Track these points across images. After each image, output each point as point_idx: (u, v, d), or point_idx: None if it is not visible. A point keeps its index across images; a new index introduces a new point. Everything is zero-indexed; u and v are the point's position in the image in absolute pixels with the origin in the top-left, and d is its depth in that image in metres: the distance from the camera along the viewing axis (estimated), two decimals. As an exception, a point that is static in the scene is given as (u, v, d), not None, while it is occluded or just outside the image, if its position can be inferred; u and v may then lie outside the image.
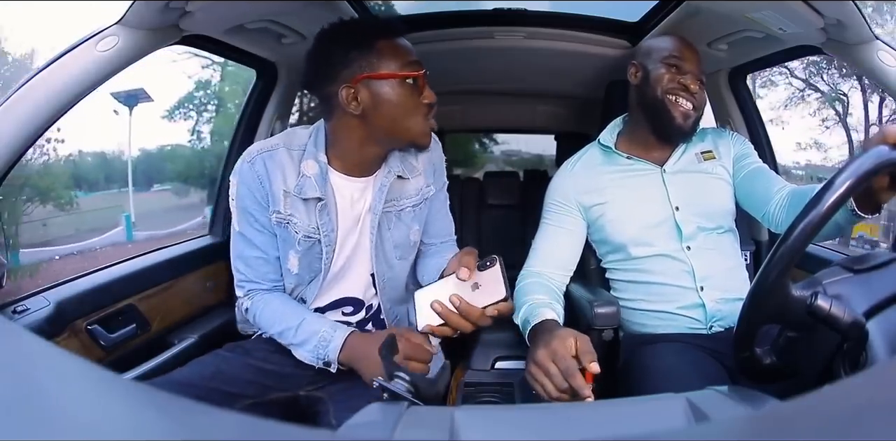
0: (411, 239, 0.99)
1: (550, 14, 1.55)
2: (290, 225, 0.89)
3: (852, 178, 0.56)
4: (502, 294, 0.71)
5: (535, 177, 2.45)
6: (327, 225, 0.89)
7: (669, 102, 1.06)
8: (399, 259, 0.98)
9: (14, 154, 0.83)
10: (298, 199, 0.88)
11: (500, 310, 0.72)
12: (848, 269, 0.63)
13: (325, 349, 0.85)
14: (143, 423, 0.22)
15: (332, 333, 0.86)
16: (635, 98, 1.13)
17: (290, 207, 0.89)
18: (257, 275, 0.94)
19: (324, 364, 0.87)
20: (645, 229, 1.07)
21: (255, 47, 1.30)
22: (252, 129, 1.48)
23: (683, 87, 1.05)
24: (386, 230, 0.95)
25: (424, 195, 0.98)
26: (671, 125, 1.06)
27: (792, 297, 0.59)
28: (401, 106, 0.84)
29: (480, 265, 0.76)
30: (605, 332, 1.03)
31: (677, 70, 1.06)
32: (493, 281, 0.73)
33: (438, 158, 1.01)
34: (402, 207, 0.95)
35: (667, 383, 0.88)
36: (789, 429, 0.22)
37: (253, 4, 1.05)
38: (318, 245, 0.91)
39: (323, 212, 0.89)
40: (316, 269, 0.93)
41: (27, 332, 0.35)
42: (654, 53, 1.09)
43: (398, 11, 1.56)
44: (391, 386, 0.73)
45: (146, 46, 0.92)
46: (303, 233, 0.89)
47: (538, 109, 2.32)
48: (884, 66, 0.98)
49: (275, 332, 0.92)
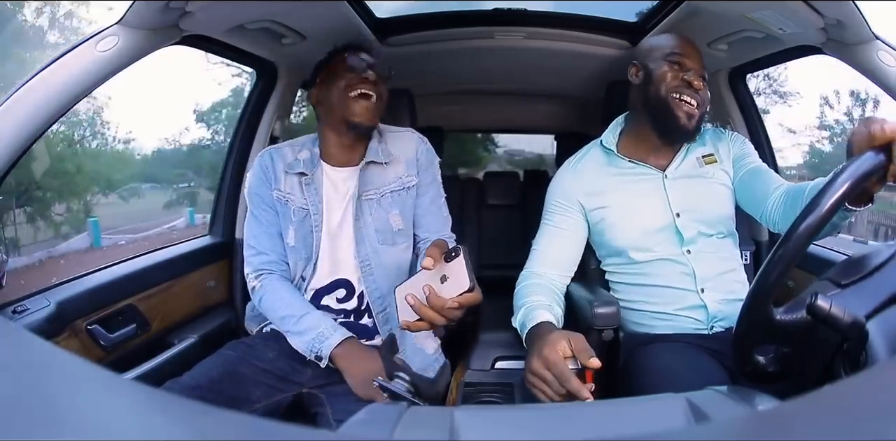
0: (392, 224, 1.07)
1: (550, 14, 1.54)
2: (288, 202, 1.07)
3: (850, 181, 0.59)
4: (466, 285, 0.71)
5: (535, 177, 2.44)
6: (314, 197, 1.06)
7: (673, 101, 1.03)
8: (382, 244, 1.06)
9: (14, 154, 0.83)
10: (292, 175, 1.07)
11: (463, 301, 0.73)
12: (836, 284, 0.64)
13: (321, 344, 0.93)
14: (142, 423, 0.22)
15: (332, 333, 0.94)
16: (637, 99, 1.10)
17: (288, 186, 1.07)
18: (264, 246, 1.08)
19: (315, 358, 0.94)
20: (645, 235, 1.06)
21: (255, 47, 1.30)
22: (252, 129, 1.48)
23: (687, 84, 1.02)
24: (367, 215, 1.06)
25: (405, 183, 1.09)
26: (675, 125, 1.04)
27: (777, 321, 0.61)
28: (334, 87, 1.05)
29: (446, 256, 0.75)
30: (605, 332, 1.02)
31: (680, 67, 1.04)
32: (458, 272, 0.73)
33: (424, 154, 1.12)
34: (382, 193, 1.08)
35: (667, 383, 0.88)
36: (789, 429, 0.22)
37: (253, 4, 1.05)
38: (309, 217, 1.05)
39: (310, 187, 1.06)
40: (309, 243, 1.05)
41: (27, 332, 0.35)
42: (656, 51, 1.08)
43: (398, 11, 1.55)
44: (391, 386, 0.73)
45: (146, 46, 0.92)
46: (296, 205, 1.06)
47: (538, 109, 2.32)
48: (884, 66, 0.98)
49: (277, 316, 1.00)
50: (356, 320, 1.04)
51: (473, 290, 0.72)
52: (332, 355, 0.92)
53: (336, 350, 0.92)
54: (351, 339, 0.95)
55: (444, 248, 0.77)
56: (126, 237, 6.18)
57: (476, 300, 0.74)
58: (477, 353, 1.17)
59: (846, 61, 1.04)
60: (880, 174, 0.62)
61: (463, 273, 0.72)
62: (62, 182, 5.76)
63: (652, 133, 1.08)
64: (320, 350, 0.93)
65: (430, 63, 0.98)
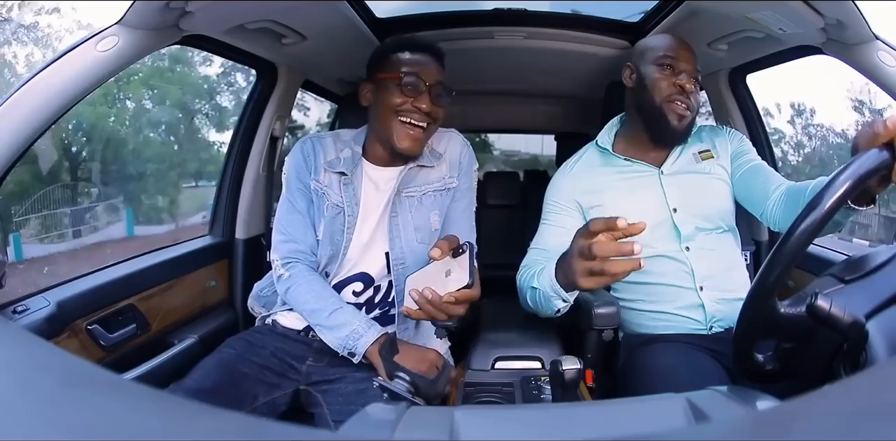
0: (432, 224, 1.06)
1: (550, 14, 1.55)
2: (324, 195, 1.04)
3: (851, 180, 0.57)
4: (465, 281, 0.73)
5: (535, 177, 2.44)
6: (351, 198, 1.03)
7: (666, 107, 1.05)
8: (420, 242, 1.04)
9: (14, 154, 0.83)
10: (331, 172, 1.04)
11: (459, 296, 0.73)
12: (839, 280, 0.63)
13: (356, 342, 0.92)
14: (142, 423, 0.22)
15: (366, 330, 0.93)
16: (631, 101, 1.12)
17: (326, 179, 1.04)
18: (295, 234, 1.04)
19: (348, 354, 0.93)
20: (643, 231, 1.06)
21: (255, 47, 1.30)
22: (252, 129, 1.48)
23: (680, 89, 1.04)
24: (407, 213, 1.04)
25: (447, 184, 1.07)
26: (667, 128, 1.06)
27: (781, 314, 0.60)
28: (382, 103, 0.99)
29: (455, 251, 0.77)
30: (605, 332, 1.02)
31: (671, 70, 1.05)
32: (461, 268, 0.74)
33: (467, 159, 1.10)
34: (425, 192, 1.06)
35: (667, 383, 0.88)
36: (789, 429, 0.22)
37: (253, 4, 1.05)
38: (342, 216, 1.03)
39: (348, 186, 1.03)
40: (337, 241, 1.02)
41: (27, 332, 0.35)
42: (647, 54, 1.09)
43: (398, 11, 1.55)
44: (391, 386, 0.73)
45: (146, 46, 0.92)
46: (332, 201, 1.03)
47: (538, 109, 2.32)
48: (884, 66, 0.98)
49: (307, 308, 0.98)
50: (367, 313, 1.04)
51: (472, 286, 0.73)
52: (366, 353, 0.91)
53: (371, 347, 0.91)
54: (384, 335, 0.93)
55: (455, 243, 0.78)
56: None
57: (472, 297, 0.75)
58: (477, 353, 1.17)
59: (846, 61, 1.04)
60: (883, 173, 0.62)
61: (465, 269, 0.73)
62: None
63: (646, 134, 1.10)
64: (354, 347, 0.91)
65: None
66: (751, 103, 1.55)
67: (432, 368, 0.88)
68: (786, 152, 4.36)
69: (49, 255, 5.06)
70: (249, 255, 1.46)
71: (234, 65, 2.66)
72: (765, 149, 1.48)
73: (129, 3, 0.84)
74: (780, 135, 4.12)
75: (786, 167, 4.17)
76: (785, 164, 4.17)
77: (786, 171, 2.79)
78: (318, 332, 0.96)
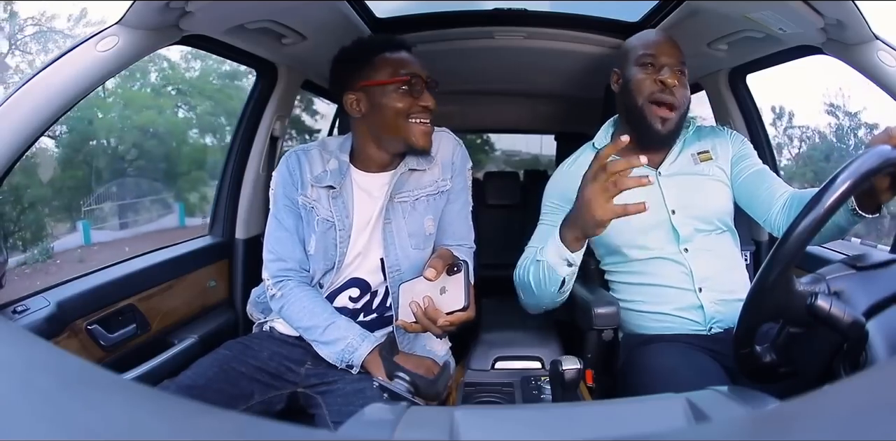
0: (426, 229, 1.04)
1: (550, 14, 1.54)
2: (313, 209, 1.02)
3: (852, 178, 0.56)
4: (461, 303, 0.73)
5: (535, 177, 2.45)
6: (341, 211, 1.01)
7: (648, 109, 1.04)
8: (414, 248, 1.03)
9: (14, 154, 0.83)
10: (319, 187, 1.02)
11: (454, 320, 0.74)
12: (851, 266, 0.63)
13: (351, 355, 0.93)
14: (142, 423, 0.22)
15: (360, 342, 0.94)
16: (620, 105, 1.12)
17: (314, 194, 1.03)
18: (283, 252, 1.03)
19: (346, 366, 0.94)
20: (641, 233, 1.06)
21: (255, 47, 1.30)
22: (252, 130, 1.48)
23: (662, 86, 1.03)
24: (401, 219, 1.02)
25: (440, 187, 1.05)
26: (650, 130, 1.05)
27: (796, 292, 0.59)
28: (386, 110, 0.97)
29: (450, 269, 0.77)
30: (605, 332, 1.02)
31: (652, 67, 1.04)
32: (456, 288, 0.75)
33: (460, 158, 1.08)
34: (417, 197, 1.04)
35: (666, 383, 0.88)
36: (789, 429, 0.22)
37: (253, 4, 1.05)
38: (333, 230, 1.01)
39: (337, 200, 1.01)
40: (331, 256, 1.01)
41: (27, 332, 0.35)
42: (629, 55, 1.08)
43: (398, 11, 1.55)
44: (391, 386, 0.73)
45: (146, 46, 0.92)
46: (321, 216, 1.01)
47: (538, 109, 2.32)
48: (884, 66, 0.98)
49: (301, 325, 0.98)
50: (365, 317, 1.04)
51: (467, 309, 0.74)
52: (363, 363, 0.93)
53: (368, 357, 0.93)
54: (379, 345, 0.94)
55: (449, 260, 0.78)
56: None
57: (468, 319, 0.76)
58: (477, 353, 1.17)
59: (846, 61, 1.04)
60: (889, 170, 0.61)
61: (461, 291, 0.74)
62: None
63: (635, 137, 1.09)
64: (351, 360, 0.93)
65: (429, 63, 0.98)
66: (751, 103, 1.54)
67: (431, 370, 0.89)
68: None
69: (113, 241, 5.42)
70: (249, 255, 1.46)
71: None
72: (765, 149, 1.48)
73: (128, 3, 0.84)
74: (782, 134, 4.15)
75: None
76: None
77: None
78: (315, 346, 0.97)
